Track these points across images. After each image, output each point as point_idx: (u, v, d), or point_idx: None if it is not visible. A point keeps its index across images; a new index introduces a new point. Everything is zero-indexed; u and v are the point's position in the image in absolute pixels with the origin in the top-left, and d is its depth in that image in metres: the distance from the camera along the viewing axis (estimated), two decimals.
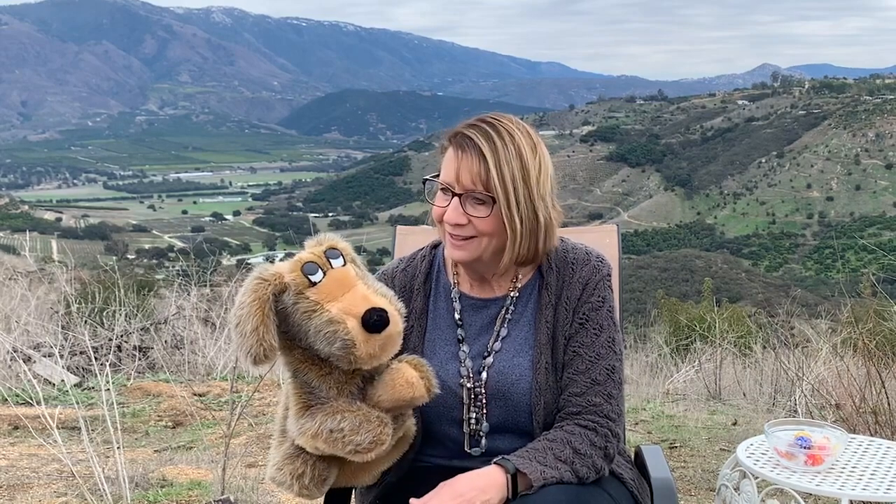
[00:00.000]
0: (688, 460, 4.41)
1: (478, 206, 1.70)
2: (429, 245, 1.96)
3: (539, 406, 1.74)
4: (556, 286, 1.80)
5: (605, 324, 1.78)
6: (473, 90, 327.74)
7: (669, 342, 8.64)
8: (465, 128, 1.74)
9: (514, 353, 1.79)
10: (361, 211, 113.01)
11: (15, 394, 5.31)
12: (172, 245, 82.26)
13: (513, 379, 1.76)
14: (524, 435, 1.77)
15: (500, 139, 1.69)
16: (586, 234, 2.36)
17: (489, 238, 1.73)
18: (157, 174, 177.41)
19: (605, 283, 1.82)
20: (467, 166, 1.69)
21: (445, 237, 1.77)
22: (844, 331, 5.85)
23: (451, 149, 1.74)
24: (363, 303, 1.58)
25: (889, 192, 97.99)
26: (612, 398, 1.74)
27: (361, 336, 1.55)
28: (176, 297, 8.08)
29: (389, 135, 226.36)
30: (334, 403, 1.60)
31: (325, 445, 1.58)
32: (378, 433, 1.58)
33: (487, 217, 1.70)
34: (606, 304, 1.80)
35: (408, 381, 1.64)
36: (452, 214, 1.71)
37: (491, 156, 1.68)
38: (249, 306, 1.52)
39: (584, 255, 1.83)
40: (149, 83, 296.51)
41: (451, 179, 1.72)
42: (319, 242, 1.65)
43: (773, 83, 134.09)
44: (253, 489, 3.49)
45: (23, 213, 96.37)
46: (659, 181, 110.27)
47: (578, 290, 1.79)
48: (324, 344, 1.56)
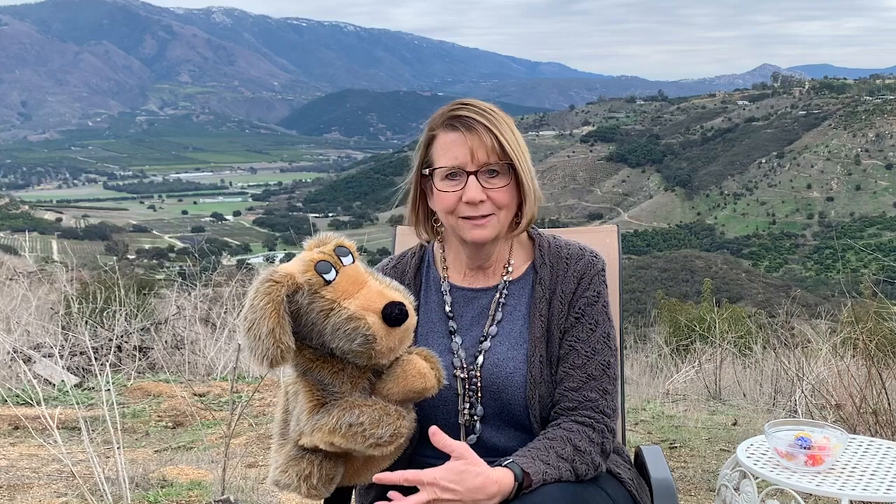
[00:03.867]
0: (688, 460, 4.41)
1: (492, 179, 1.73)
2: (418, 244, 1.97)
3: (534, 399, 1.75)
4: (549, 281, 1.82)
5: (601, 319, 1.79)
6: (473, 90, 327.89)
7: (669, 342, 8.65)
8: (453, 112, 1.76)
9: (509, 346, 1.79)
10: (361, 211, 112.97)
11: (15, 394, 5.30)
12: (173, 245, 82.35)
13: (507, 372, 1.77)
14: (520, 428, 1.78)
15: (491, 113, 1.75)
16: (586, 235, 2.36)
17: (506, 211, 1.76)
18: (157, 174, 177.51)
19: (600, 278, 1.83)
20: (479, 142, 1.72)
21: (459, 224, 1.76)
22: (844, 331, 5.84)
23: (450, 133, 1.75)
24: (380, 298, 1.58)
25: (889, 192, 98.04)
26: (607, 393, 1.75)
27: (383, 331, 1.56)
28: (176, 298, 8.09)
29: (389, 135, 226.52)
30: (349, 399, 1.60)
31: (343, 440, 1.56)
32: (398, 426, 1.58)
33: (506, 187, 1.74)
34: (601, 299, 1.81)
35: (419, 371, 1.64)
36: (474, 192, 1.72)
37: (496, 127, 1.73)
38: (263, 309, 1.51)
39: (578, 251, 1.85)
40: (149, 83, 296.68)
41: (463, 159, 1.73)
42: (322, 241, 1.65)
43: (773, 83, 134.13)
44: (253, 489, 3.49)
45: (23, 214, 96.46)
46: (659, 181, 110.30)
47: (573, 284, 1.80)
48: (343, 341, 1.55)
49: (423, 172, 1.81)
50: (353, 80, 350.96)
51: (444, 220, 1.80)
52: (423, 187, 1.84)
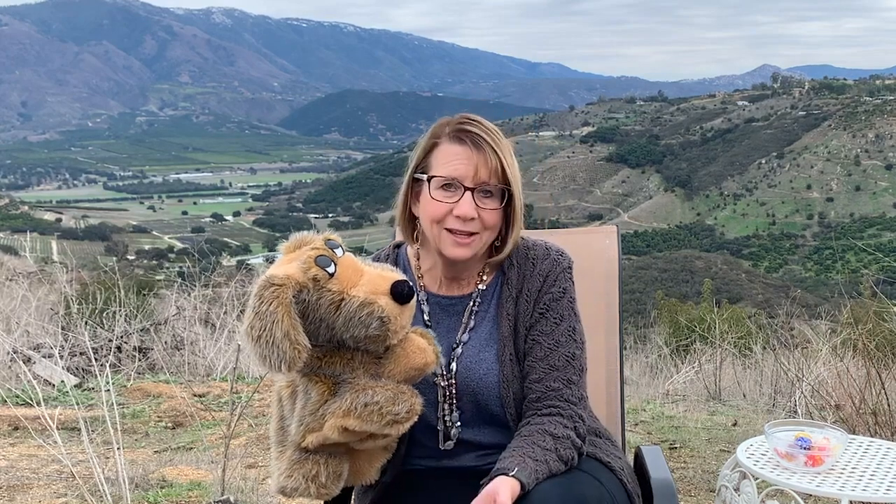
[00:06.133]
0: (688, 461, 4.41)
1: (485, 199, 1.76)
2: (390, 245, 1.99)
3: (508, 397, 1.79)
4: (516, 281, 1.84)
5: (566, 314, 1.82)
6: (473, 91, 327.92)
7: (669, 343, 8.65)
8: (462, 125, 1.78)
9: (480, 348, 1.82)
10: (361, 211, 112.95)
11: (15, 395, 5.30)
12: (172, 246, 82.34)
13: (480, 374, 1.80)
14: (498, 425, 1.82)
15: (497, 135, 1.78)
16: (586, 235, 2.36)
17: (490, 233, 1.79)
18: (157, 175, 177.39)
19: (566, 275, 1.85)
20: (484, 161, 1.74)
21: (443, 236, 1.78)
22: (844, 332, 5.84)
23: (455, 145, 1.77)
24: (383, 281, 1.60)
25: (889, 192, 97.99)
26: (571, 383, 1.77)
27: (396, 310, 1.59)
28: (176, 298, 8.09)
29: (389, 135, 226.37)
30: (360, 381, 1.60)
31: (359, 421, 1.56)
32: (413, 402, 1.60)
33: (497, 209, 1.76)
34: (567, 294, 1.83)
35: (419, 346, 1.66)
36: (467, 208, 1.74)
37: (500, 150, 1.76)
38: (273, 313, 1.50)
39: (544, 250, 1.87)
40: (149, 84, 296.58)
41: (464, 173, 1.75)
42: (303, 241, 1.65)
43: (772, 84, 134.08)
44: (253, 490, 3.49)
45: (23, 214, 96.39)
46: (659, 182, 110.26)
47: (539, 282, 1.83)
48: (358, 329, 1.57)
49: (418, 177, 1.81)
50: (353, 80, 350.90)
51: (428, 228, 1.81)
52: (413, 190, 1.85)
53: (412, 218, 1.88)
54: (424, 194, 1.79)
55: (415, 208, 1.85)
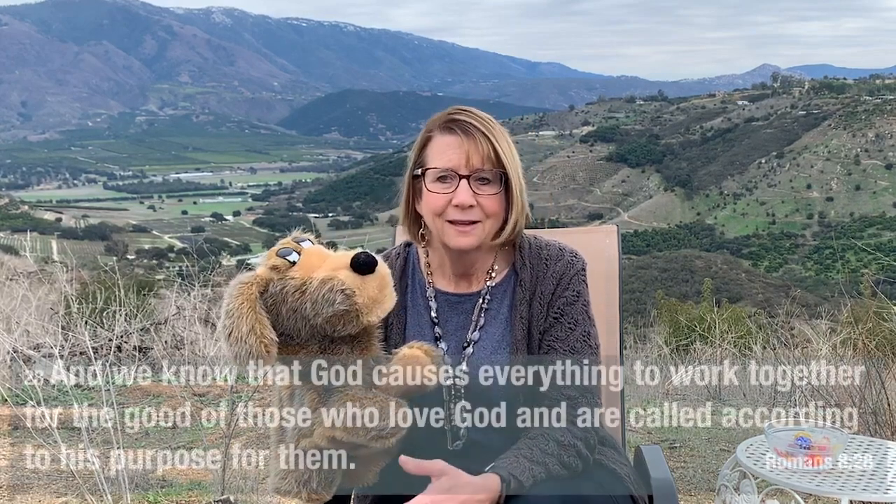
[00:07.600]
0: (688, 460, 4.41)
1: (483, 186, 1.75)
2: (402, 244, 1.98)
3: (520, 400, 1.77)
4: (530, 282, 1.83)
5: (580, 318, 1.81)
6: (473, 90, 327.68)
7: (669, 342, 8.64)
8: (452, 115, 1.78)
9: (492, 350, 1.81)
10: (361, 211, 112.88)
11: (15, 394, 5.30)
12: (172, 245, 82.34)
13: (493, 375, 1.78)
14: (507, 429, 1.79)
15: (489, 122, 1.78)
16: (586, 235, 2.36)
17: (493, 220, 1.78)
18: (157, 174, 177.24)
19: (580, 278, 1.84)
20: (476, 148, 1.74)
21: (445, 228, 1.78)
22: (844, 331, 5.84)
23: (447, 136, 1.77)
24: (344, 257, 1.60)
25: (889, 192, 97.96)
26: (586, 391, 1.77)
27: (357, 281, 1.57)
28: (176, 298, 8.08)
29: (389, 135, 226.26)
30: (350, 392, 1.60)
31: (345, 434, 1.57)
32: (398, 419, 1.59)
33: (496, 195, 1.75)
34: (581, 298, 1.82)
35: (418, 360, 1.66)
36: (465, 196, 1.74)
37: (492, 135, 1.75)
38: (238, 309, 1.53)
39: (558, 251, 1.86)
40: (149, 83, 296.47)
41: (457, 162, 1.75)
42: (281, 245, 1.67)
43: (772, 83, 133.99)
44: (253, 489, 3.49)
45: (23, 214, 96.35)
46: (659, 181, 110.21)
47: (553, 285, 1.82)
48: (325, 307, 1.56)
49: (416, 173, 1.81)
50: (353, 80, 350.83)
51: (431, 223, 1.81)
52: (414, 188, 1.85)
53: (417, 217, 1.87)
54: (423, 189, 1.80)
55: (418, 207, 1.85)
